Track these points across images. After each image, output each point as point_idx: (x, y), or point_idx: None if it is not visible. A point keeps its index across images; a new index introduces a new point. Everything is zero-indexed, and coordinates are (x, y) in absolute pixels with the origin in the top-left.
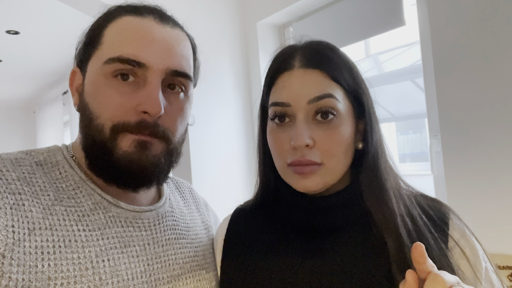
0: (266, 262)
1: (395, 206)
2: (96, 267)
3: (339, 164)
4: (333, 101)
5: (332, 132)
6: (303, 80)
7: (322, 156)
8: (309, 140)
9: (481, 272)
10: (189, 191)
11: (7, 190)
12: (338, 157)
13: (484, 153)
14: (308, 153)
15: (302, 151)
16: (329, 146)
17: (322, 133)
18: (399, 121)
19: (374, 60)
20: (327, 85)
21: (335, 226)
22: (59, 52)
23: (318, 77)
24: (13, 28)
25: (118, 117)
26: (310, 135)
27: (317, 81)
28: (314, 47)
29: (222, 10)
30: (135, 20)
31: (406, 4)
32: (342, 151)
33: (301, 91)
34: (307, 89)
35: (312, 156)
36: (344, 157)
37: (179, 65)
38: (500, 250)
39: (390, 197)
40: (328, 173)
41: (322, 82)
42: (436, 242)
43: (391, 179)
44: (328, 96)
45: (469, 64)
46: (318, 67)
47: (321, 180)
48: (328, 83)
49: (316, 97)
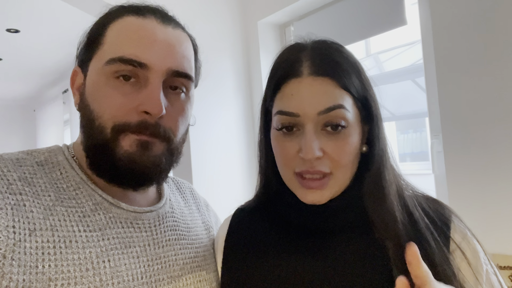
0: (266, 263)
1: (396, 212)
2: (97, 268)
3: (347, 173)
4: (343, 112)
5: (342, 143)
6: (312, 90)
7: (331, 166)
8: (319, 153)
9: (482, 275)
10: (189, 191)
11: (8, 191)
12: (347, 166)
13: (486, 152)
14: (318, 164)
15: (312, 162)
16: (339, 157)
17: (332, 144)
18: (399, 121)
19: (375, 59)
20: (337, 95)
21: (336, 228)
22: (59, 50)
23: (328, 86)
24: (13, 27)
25: (119, 118)
26: (320, 146)
27: (327, 91)
28: (323, 52)
29: (223, 9)
30: (137, 21)
31: (407, 4)
32: (351, 160)
33: (311, 101)
34: (317, 100)
35: (322, 166)
36: (352, 165)
37: (180, 65)
38: (501, 250)
39: (392, 202)
40: (337, 184)
41: (332, 92)
42: (437, 245)
43: (393, 183)
44: (338, 107)
45: (471, 63)
46: (327, 75)
47: (330, 192)
48: (338, 92)
49: (326, 109)
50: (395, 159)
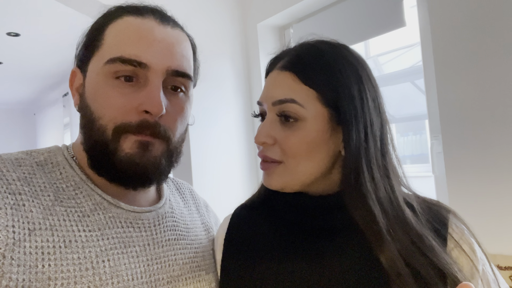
0: (266, 263)
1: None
2: (96, 268)
3: (298, 165)
4: (294, 107)
5: (291, 134)
6: (274, 82)
7: (281, 154)
8: (265, 138)
9: (479, 273)
10: (189, 192)
11: (8, 190)
12: (298, 158)
13: (485, 153)
14: (267, 149)
15: (263, 148)
16: (287, 146)
17: (283, 134)
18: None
19: (374, 61)
20: (294, 89)
21: (333, 227)
22: (59, 54)
23: (287, 80)
24: (14, 30)
25: (120, 118)
26: (271, 134)
27: (285, 84)
28: (298, 50)
29: (222, 11)
30: (136, 21)
31: (406, 6)
32: (303, 154)
33: (269, 92)
34: (274, 91)
35: (271, 153)
36: (306, 159)
37: (179, 65)
38: (502, 251)
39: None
40: (288, 173)
41: (290, 85)
42: (436, 244)
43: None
44: (289, 101)
45: (470, 65)
46: (290, 70)
47: (280, 179)
48: (297, 86)
49: (278, 101)
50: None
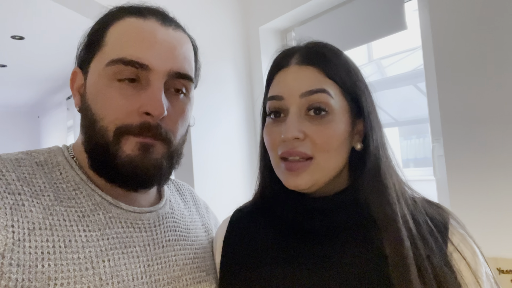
0: (266, 266)
1: (397, 208)
2: (96, 268)
3: (330, 160)
4: (326, 97)
5: (323, 127)
6: (297, 76)
7: (313, 149)
8: (298, 133)
9: (482, 277)
10: (189, 193)
11: (7, 190)
12: (330, 153)
13: (486, 156)
14: (299, 145)
15: (293, 143)
16: (320, 140)
17: (314, 128)
18: (402, 126)
19: (377, 64)
20: (321, 81)
21: (334, 229)
22: (63, 57)
23: (312, 73)
24: (18, 34)
25: (121, 120)
26: (301, 128)
27: (311, 76)
28: (311, 46)
29: (224, 14)
30: (138, 22)
31: (408, 10)
32: (334, 147)
33: (294, 84)
34: (300, 83)
35: (303, 148)
36: (336, 154)
37: (181, 67)
38: (503, 254)
39: (393, 198)
40: (319, 169)
41: (316, 77)
42: (438, 248)
43: (394, 181)
44: (321, 91)
45: (471, 68)
46: (313, 64)
47: (311, 178)
48: (323, 79)
49: (308, 91)
50: (397, 162)
